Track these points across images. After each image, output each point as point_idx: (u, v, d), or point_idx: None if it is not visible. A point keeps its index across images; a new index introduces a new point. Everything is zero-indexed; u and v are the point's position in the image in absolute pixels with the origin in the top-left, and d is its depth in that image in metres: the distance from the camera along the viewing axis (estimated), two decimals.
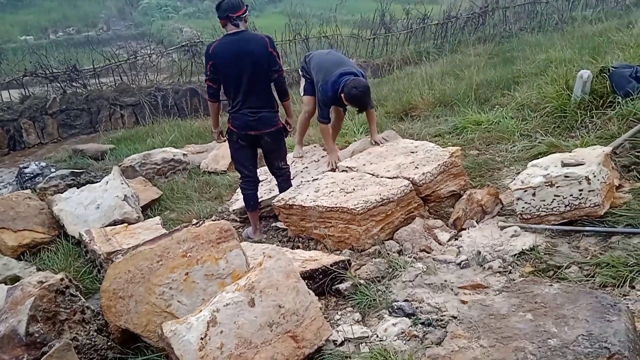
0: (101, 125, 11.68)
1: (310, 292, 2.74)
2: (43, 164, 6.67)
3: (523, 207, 3.56)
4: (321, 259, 3.30)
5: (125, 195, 4.58)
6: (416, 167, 4.05)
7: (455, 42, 13.58)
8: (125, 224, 4.35)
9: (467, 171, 4.69)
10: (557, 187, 3.44)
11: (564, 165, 3.51)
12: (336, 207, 3.72)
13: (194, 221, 4.92)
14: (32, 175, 6.42)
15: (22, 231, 4.46)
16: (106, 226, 4.43)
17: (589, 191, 3.35)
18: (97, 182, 5.11)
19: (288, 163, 4.52)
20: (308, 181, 4.29)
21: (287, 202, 4.02)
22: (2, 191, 6.77)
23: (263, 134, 4.17)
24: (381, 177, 4.08)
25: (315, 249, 3.96)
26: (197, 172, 6.39)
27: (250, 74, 4.00)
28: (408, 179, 3.92)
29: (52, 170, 6.66)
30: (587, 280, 2.95)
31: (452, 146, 5.46)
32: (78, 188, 5.14)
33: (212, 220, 4.84)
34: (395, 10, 14.08)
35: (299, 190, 4.14)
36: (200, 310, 2.47)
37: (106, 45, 20.92)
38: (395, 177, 4.00)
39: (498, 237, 3.52)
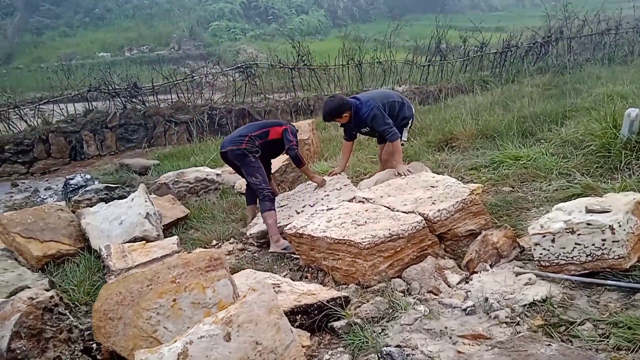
0: (156, 140, 12.15)
1: (294, 330, 2.65)
2: (88, 176, 6.97)
3: (541, 254, 3.32)
4: (319, 293, 3.20)
5: (147, 213, 4.68)
6: (433, 203, 3.89)
7: (513, 71, 13.16)
8: (144, 242, 4.43)
9: (494, 209, 4.48)
10: (579, 234, 3.19)
11: (588, 211, 3.26)
12: (344, 240, 3.62)
13: (214, 242, 4.97)
14: (76, 186, 6.71)
15: (49, 242, 4.64)
16: (126, 242, 4.53)
17: (613, 241, 3.08)
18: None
19: (259, 184, 4.78)
20: (323, 210, 4.22)
21: (298, 231, 3.96)
22: (48, 200, 7.12)
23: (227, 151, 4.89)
24: (396, 210, 3.94)
25: (322, 281, 3.87)
26: (230, 193, 6.45)
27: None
28: (422, 215, 3.76)
29: (96, 182, 6.94)
30: (601, 341, 2.68)
31: (486, 181, 5.28)
32: (108, 202, 5.30)
33: (231, 243, 4.89)
34: (452, 37, 13.85)
35: (312, 219, 4.08)
36: (175, 340, 2.44)
37: (175, 64, 21.89)
38: (410, 212, 3.85)
39: (511, 284, 3.29)
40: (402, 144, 5.44)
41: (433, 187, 4.16)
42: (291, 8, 37.90)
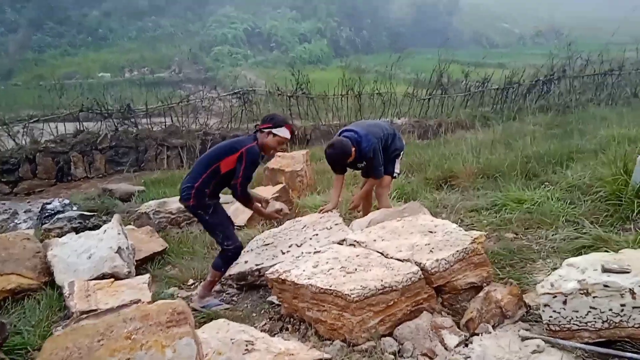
0: (147, 164, 11.82)
1: None
2: (66, 201, 6.61)
3: (551, 317, 2.94)
4: (298, 354, 2.81)
5: (120, 247, 4.30)
6: (431, 251, 3.52)
7: (515, 108, 12.96)
8: (112, 279, 4.04)
9: (496, 258, 4.11)
10: (594, 297, 2.82)
11: (605, 270, 2.89)
12: (330, 290, 3.23)
13: (190, 282, 4.58)
14: (52, 211, 6.34)
15: (9, 275, 4.24)
16: (93, 279, 4.13)
17: (634, 307, 2.71)
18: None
19: (221, 237, 4.13)
20: (310, 253, 3.84)
21: (281, 276, 3.57)
22: (22, 225, 6.73)
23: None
24: (390, 257, 3.57)
25: (305, 335, 3.47)
26: None
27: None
28: (419, 264, 3.39)
29: (74, 208, 6.57)
30: None
31: (487, 225, 4.93)
32: (84, 232, 4.92)
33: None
34: (453, 71, 13.69)
35: (297, 263, 3.70)
36: None
37: (175, 87, 21.73)
38: (405, 260, 3.48)
39: (516, 350, 2.90)
40: (395, 177, 5.27)
41: (431, 232, 3.79)
42: (294, 36, 38.14)
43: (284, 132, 4.19)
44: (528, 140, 8.27)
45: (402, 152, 5.21)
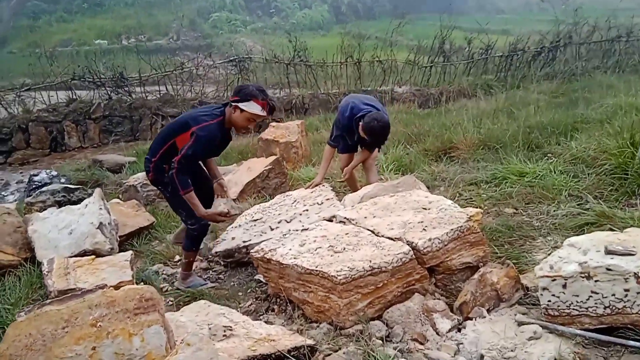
0: (141, 134, 11.59)
1: None
2: (54, 172, 6.41)
3: (549, 301, 2.76)
4: (280, 340, 2.65)
5: (101, 223, 4.12)
6: (424, 229, 3.33)
7: (519, 76, 12.59)
8: (93, 256, 3.87)
9: (495, 235, 3.93)
10: (596, 281, 2.64)
11: (608, 252, 2.70)
12: (316, 271, 3.06)
13: (177, 258, 4.41)
14: (40, 183, 6.15)
15: None
16: (74, 256, 3.97)
17: (638, 293, 2.53)
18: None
19: (185, 215, 3.82)
20: (297, 230, 3.66)
21: (266, 255, 3.40)
22: (9, 198, 6.56)
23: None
24: (381, 235, 3.38)
25: (291, 316, 3.32)
26: None
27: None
28: (410, 243, 3.21)
29: (62, 180, 6.38)
30: None
31: (486, 199, 4.73)
32: (68, 206, 4.74)
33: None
34: (456, 37, 13.26)
35: (284, 241, 3.52)
36: None
37: (172, 54, 21.28)
38: (397, 239, 3.30)
39: (512, 337, 2.74)
40: (379, 149, 5.16)
41: (425, 209, 3.59)
42: (294, 2, 37.28)
43: (252, 108, 3.59)
44: (531, 109, 7.98)
45: None
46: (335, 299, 2.99)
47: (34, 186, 6.10)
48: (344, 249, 3.25)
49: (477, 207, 4.61)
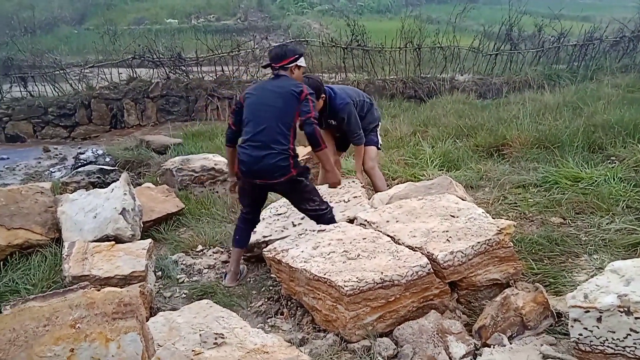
0: (197, 114, 11.70)
1: None
2: (100, 151, 6.52)
3: (580, 334, 2.42)
4: (274, 353, 2.47)
5: (124, 209, 4.08)
6: (448, 240, 3.03)
7: (593, 67, 11.65)
8: (113, 242, 3.84)
9: (534, 248, 3.57)
10: (637, 318, 2.27)
11: None
12: (324, 278, 2.86)
13: (199, 248, 4.34)
14: (85, 162, 6.27)
15: (17, 229, 4.14)
16: (97, 240, 3.96)
17: None
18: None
19: (318, 201, 3.67)
20: (314, 231, 3.45)
21: (277, 256, 3.23)
22: (56, 174, 6.73)
23: (272, 184, 3.53)
24: (401, 243, 3.13)
25: (300, 322, 3.16)
26: None
27: (269, 106, 3.47)
28: (430, 255, 2.93)
29: (107, 159, 6.48)
30: None
31: (532, 205, 4.32)
32: (102, 188, 4.77)
33: (215, 252, 4.24)
34: (526, 24, 12.42)
35: (298, 241, 3.33)
36: None
37: (240, 35, 21.38)
38: (417, 248, 3.03)
39: None
40: (380, 148, 4.81)
41: (453, 217, 3.28)
42: None
43: (303, 62, 3.70)
44: (601, 105, 7.32)
45: (379, 124, 4.79)
46: (342, 310, 2.79)
47: (79, 164, 6.22)
48: (358, 255, 3.03)
49: (520, 213, 4.26)
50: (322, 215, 3.66)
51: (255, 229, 3.96)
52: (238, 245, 3.74)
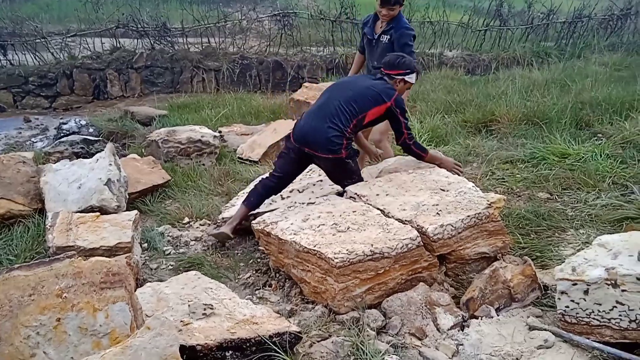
0: (182, 86, 11.51)
1: None
2: (83, 121, 6.38)
3: (567, 306, 2.45)
4: (263, 324, 2.46)
5: (109, 179, 4.01)
6: (438, 213, 3.03)
7: (581, 45, 11.66)
8: (98, 214, 3.78)
9: (522, 223, 3.59)
10: (623, 290, 2.31)
11: None
12: (314, 250, 2.84)
13: (186, 220, 4.29)
14: (68, 132, 6.13)
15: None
16: (81, 211, 3.89)
17: None
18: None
19: (357, 178, 3.73)
20: (303, 204, 3.43)
21: (266, 228, 3.20)
22: (37, 144, 6.60)
23: (318, 156, 3.56)
24: (391, 216, 3.12)
25: (288, 294, 3.15)
26: (229, 158, 5.72)
27: (349, 90, 3.60)
28: (420, 228, 2.93)
29: (90, 130, 6.36)
30: None
31: (519, 181, 4.34)
32: (86, 158, 4.67)
33: (202, 224, 4.20)
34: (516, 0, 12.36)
35: (287, 214, 3.31)
36: None
37: (226, 6, 20.95)
38: (406, 222, 3.02)
39: (520, 342, 2.46)
40: None
41: (443, 190, 3.28)
42: None
43: (413, 78, 3.78)
44: (588, 82, 7.33)
45: None
46: (331, 282, 2.78)
47: (62, 135, 6.08)
48: (348, 228, 3.01)
49: (508, 189, 4.28)
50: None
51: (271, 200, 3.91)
52: (248, 205, 3.74)
